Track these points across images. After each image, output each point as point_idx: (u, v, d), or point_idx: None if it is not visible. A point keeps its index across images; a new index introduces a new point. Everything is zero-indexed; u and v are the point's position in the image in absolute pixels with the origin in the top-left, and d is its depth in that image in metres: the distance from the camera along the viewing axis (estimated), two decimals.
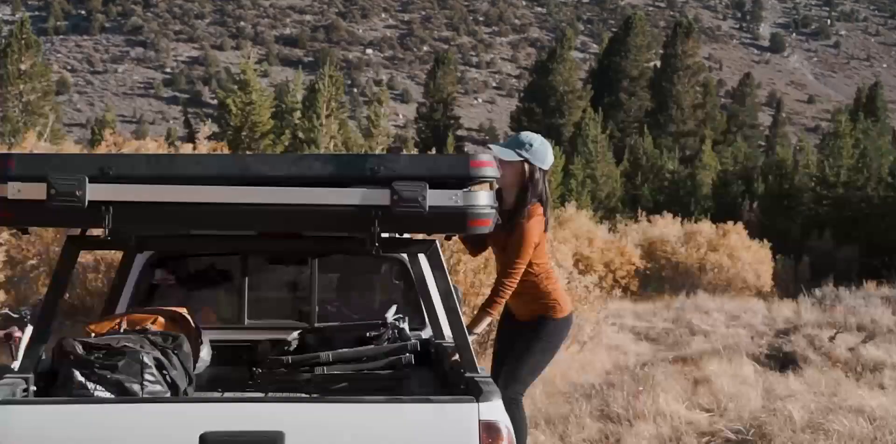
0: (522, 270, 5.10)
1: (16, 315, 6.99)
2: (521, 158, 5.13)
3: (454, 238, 6.44)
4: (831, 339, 12.84)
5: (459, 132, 64.13)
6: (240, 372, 4.95)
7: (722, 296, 22.73)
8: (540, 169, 5.18)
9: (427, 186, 3.66)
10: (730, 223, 27.56)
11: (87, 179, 3.55)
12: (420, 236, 4.66)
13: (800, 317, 16.18)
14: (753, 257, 26.33)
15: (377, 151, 29.10)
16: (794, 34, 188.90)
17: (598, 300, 13.58)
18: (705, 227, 27.47)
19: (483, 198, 3.75)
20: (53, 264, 15.50)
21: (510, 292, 5.11)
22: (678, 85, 55.73)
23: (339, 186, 3.70)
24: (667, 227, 27.89)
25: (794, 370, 10.84)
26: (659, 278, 26.32)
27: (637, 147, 45.69)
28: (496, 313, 5.13)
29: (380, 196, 3.65)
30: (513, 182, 5.17)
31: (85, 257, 14.84)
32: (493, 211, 3.83)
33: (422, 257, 4.29)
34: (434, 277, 4.11)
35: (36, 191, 3.55)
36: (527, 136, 5.22)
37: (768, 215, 39.30)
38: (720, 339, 14.14)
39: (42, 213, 3.57)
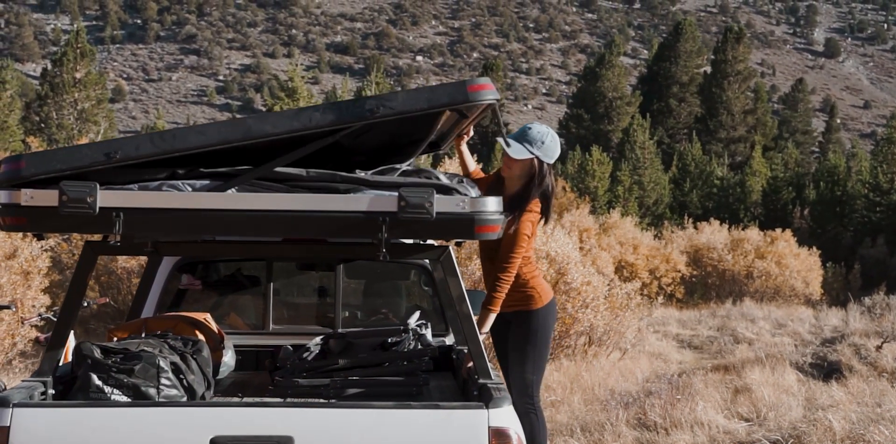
0: (518, 263, 5.09)
1: (56, 319, 7.09)
2: (532, 156, 5.09)
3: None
4: (878, 348, 12.60)
5: None
6: (262, 377, 4.97)
7: (769, 304, 22.45)
8: (548, 164, 5.15)
9: (434, 191, 3.64)
10: (778, 230, 27.18)
11: (97, 186, 3.59)
12: (437, 242, 4.65)
13: (847, 326, 15.89)
14: (802, 265, 25.96)
15: (422, 158, 29.17)
16: (849, 39, 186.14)
17: (639, 308, 13.48)
18: (753, 234, 27.11)
19: (491, 204, 3.73)
20: (100, 270, 15.76)
21: (508, 286, 5.09)
22: (728, 91, 55.06)
23: (342, 128, 3.67)
24: (713, 234, 27.58)
25: (838, 379, 10.66)
26: (705, 285, 26.06)
27: (686, 153, 45.25)
28: (497, 308, 5.10)
29: (387, 202, 3.64)
30: (520, 175, 5.15)
31: (129, 262, 15.07)
32: (502, 216, 3.80)
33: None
34: (448, 283, 4.09)
35: (48, 197, 3.59)
36: (538, 132, 5.15)
37: (819, 222, 38.73)
38: (764, 347, 13.95)
39: (54, 219, 3.61)
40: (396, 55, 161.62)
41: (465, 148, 5.39)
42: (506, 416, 3.72)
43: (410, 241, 4.51)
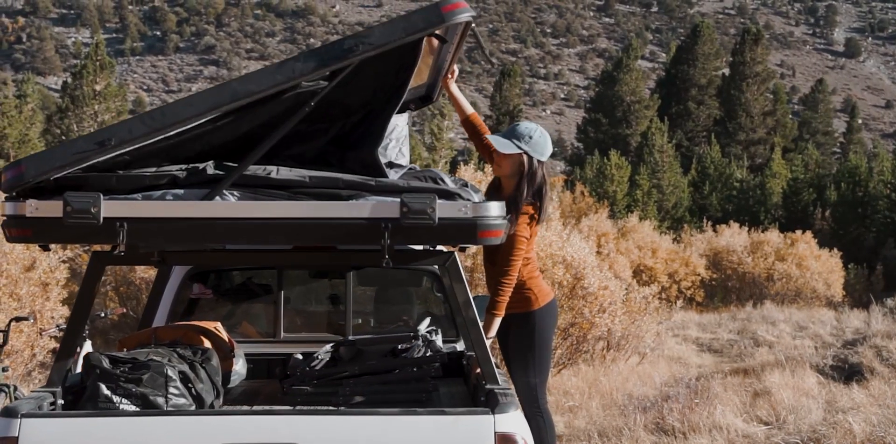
0: (519, 265, 5.06)
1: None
2: (520, 151, 5.05)
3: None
4: None
5: None
6: (273, 386, 4.98)
7: (790, 306, 22.30)
8: (539, 161, 5.10)
9: (436, 197, 3.63)
10: (798, 232, 27.00)
11: (101, 197, 3.60)
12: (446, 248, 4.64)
13: (869, 327, 15.77)
14: (823, 267, 25.78)
15: (440, 165, 29.17)
16: (869, 38, 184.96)
17: (657, 312, 13.41)
18: (773, 236, 26.96)
19: (493, 208, 3.72)
20: (119, 280, 15.86)
21: (510, 290, 5.06)
22: (747, 92, 54.86)
23: (326, 76, 3.63)
24: (733, 236, 27.43)
25: (859, 381, 10.57)
26: (725, 288, 25.94)
27: (705, 156, 45.08)
28: (501, 311, 5.07)
29: (389, 208, 3.64)
30: (511, 173, 5.11)
31: (147, 273, 15.13)
32: (505, 221, 3.79)
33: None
34: (454, 288, 4.08)
35: (53, 208, 3.61)
36: (525, 127, 5.13)
37: (841, 224, 38.45)
38: (785, 350, 13.85)
39: (59, 230, 3.63)
40: None
41: (455, 89, 5.25)
42: (512, 421, 3.71)
43: (420, 247, 4.50)
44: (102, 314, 7.73)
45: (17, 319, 7.64)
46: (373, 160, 3.91)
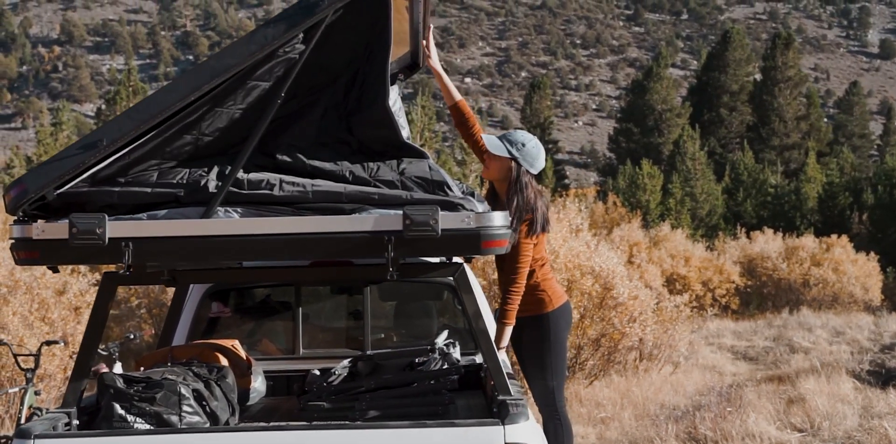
0: (525, 272, 5.04)
1: (104, 352, 7.20)
2: (510, 156, 5.02)
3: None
4: None
5: (559, 156, 63.87)
6: (292, 402, 5.00)
7: (827, 312, 22.04)
8: (528, 172, 5.06)
9: (439, 209, 3.64)
10: (833, 237, 26.69)
11: (106, 217, 3.64)
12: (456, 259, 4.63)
13: None
14: (860, 271, 25.45)
15: (471, 179, 29.19)
16: None
17: (689, 320, 13.32)
18: (808, 241, 26.67)
19: (497, 218, 3.72)
20: (152, 302, 16.00)
21: (518, 298, 5.05)
22: (780, 97, 54.41)
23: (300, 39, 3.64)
24: (767, 243, 27.16)
25: None
26: (760, 295, 25.67)
27: (738, 163, 44.72)
28: (511, 320, 5.06)
29: (392, 221, 3.65)
30: (499, 178, 5.08)
31: (170, 292, 15.27)
32: (509, 231, 3.78)
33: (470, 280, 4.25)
34: (464, 299, 4.08)
35: (59, 230, 3.66)
36: (522, 135, 5.11)
37: (879, 227, 37.94)
38: (821, 356, 13.69)
39: (65, 251, 3.68)
40: None
41: (441, 71, 5.09)
42: (522, 432, 3.70)
43: (437, 259, 4.50)
44: (133, 336, 7.79)
45: (49, 342, 7.73)
46: (383, 114, 3.87)
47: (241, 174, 3.76)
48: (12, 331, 9.73)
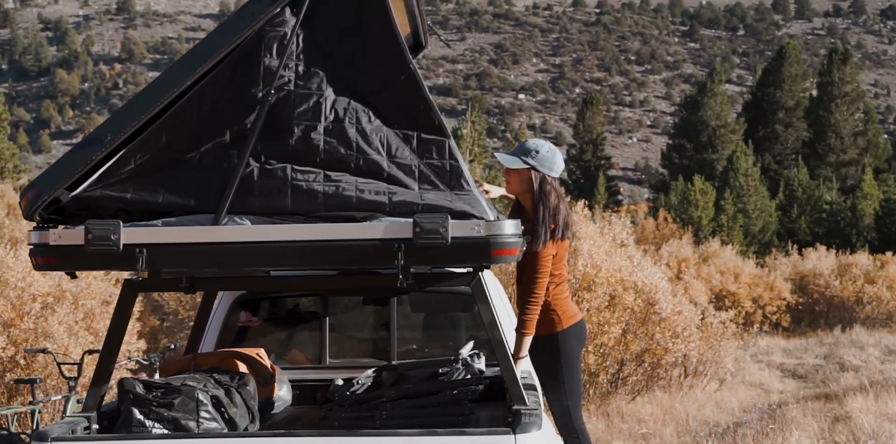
0: (545, 283, 4.97)
1: (146, 362, 7.29)
2: (527, 166, 4.97)
3: None
4: None
5: (612, 172, 63.55)
6: (317, 411, 5.00)
7: (881, 330, 21.58)
8: (549, 176, 5.01)
9: (449, 217, 3.63)
10: (888, 254, 26.15)
11: (121, 224, 3.68)
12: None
13: None
14: None
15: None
16: None
17: (736, 337, 13.14)
18: (861, 258, 26.18)
19: (508, 227, 3.69)
20: (190, 312, 16.16)
21: (537, 308, 4.98)
22: (836, 113, 53.60)
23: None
24: (819, 259, 26.70)
25: None
26: (812, 312, 25.23)
27: (793, 179, 44.10)
28: (530, 330, 4.99)
29: (402, 229, 3.64)
30: (522, 191, 5.02)
31: None
32: (520, 239, 3.76)
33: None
34: (479, 309, 4.06)
35: (75, 236, 3.71)
36: (533, 142, 5.06)
37: None
38: (871, 374, 13.40)
39: (81, 257, 3.73)
40: (499, 94, 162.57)
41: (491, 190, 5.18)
42: (534, 441, 3.67)
43: (463, 269, 4.48)
44: (174, 347, 7.88)
45: (91, 351, 7.83)
46: (409, 79, 3.84)
47: (253, 179, 3.76)
48: (58, 340, 9.88)
